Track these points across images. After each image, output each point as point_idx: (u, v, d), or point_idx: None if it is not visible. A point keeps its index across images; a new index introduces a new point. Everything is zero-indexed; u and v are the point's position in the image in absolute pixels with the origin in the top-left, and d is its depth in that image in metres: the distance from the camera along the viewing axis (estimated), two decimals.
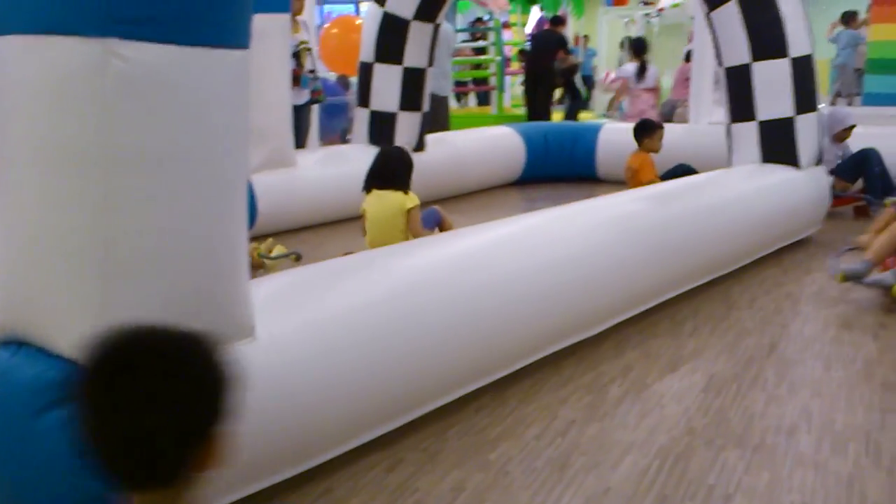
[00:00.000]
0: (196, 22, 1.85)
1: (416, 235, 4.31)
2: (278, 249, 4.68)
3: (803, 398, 3.11)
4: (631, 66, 9.62)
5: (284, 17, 5.72)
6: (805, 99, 5.46)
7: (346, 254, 3.76)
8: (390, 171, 4.49)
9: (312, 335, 2.44)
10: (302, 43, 6.76)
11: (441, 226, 4.88)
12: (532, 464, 2.64)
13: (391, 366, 2.65)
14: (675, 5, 16.86)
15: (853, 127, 6.52)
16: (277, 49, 5.71)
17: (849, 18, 12.07)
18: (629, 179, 6.37)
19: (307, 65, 6.85)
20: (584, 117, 14.31)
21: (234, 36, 1.98)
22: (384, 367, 2.63)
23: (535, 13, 17.37)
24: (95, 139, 1.84)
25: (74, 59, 1.82)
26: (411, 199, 4.40)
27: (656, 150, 6.51)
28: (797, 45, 5.42)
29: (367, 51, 6.91)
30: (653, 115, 8.93)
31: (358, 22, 9.62)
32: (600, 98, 17.45)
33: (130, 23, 1.81)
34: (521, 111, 11.82)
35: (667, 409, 3.05)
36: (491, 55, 13.74)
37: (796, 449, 2.72)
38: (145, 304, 1.94)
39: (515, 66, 15.03)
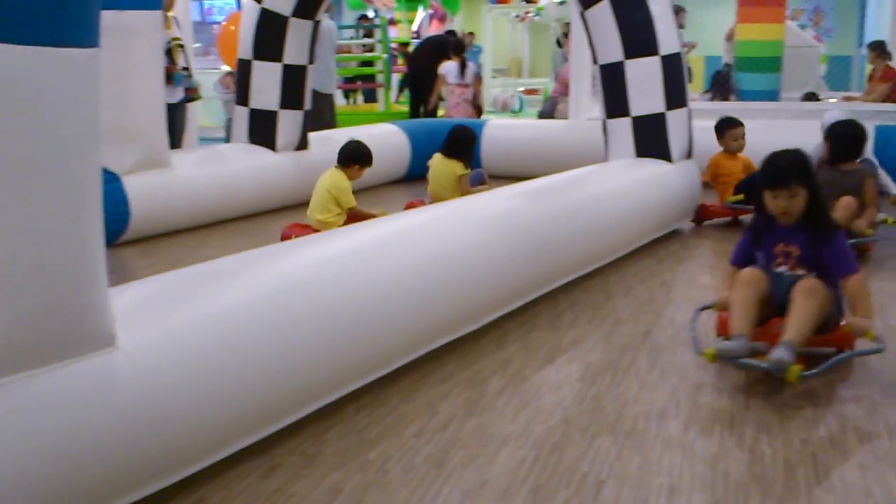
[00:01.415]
0: (38, 20, 1.77)
1: (465, 193, 5.67)
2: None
3: (673, 383, 3.21)
4: (453, 65, 10.16)
5: (156, 14, 5.57)
6: (675, 95, 5.65)
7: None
8: (454, 144, 6.10)
9: (179, 342, 2.38)
10: (174, 40, 6.61)
11: (482, 183, 6.34)
12: (411, 461, 2.65)
13: (264, 371, 2.61)
14: (540, 9, 17.21)
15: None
16: (149, 46, 5.55)
17: None
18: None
19: (180, 62, 6.70)
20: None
21: (80, 34, 1.90)
22: (257, 373, 2.58)
23: (421, 11, 17.43)
24: None
25: None
26: (461, 168, 5.99)
27: (731, 151, 6.14)
28: (667, 43, 5.60)
29: (244, 48, 6.79)
30: (465, 108, 9.96)
31: None
32: (486, 95, 17.62)
33: None
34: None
35: (544, 399, 3.11)
36: (378, 52, 13.72)
37: (666, 433, 2.80)
38: None
39: (402, 63, 15.05)
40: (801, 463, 2.59)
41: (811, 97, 11.17)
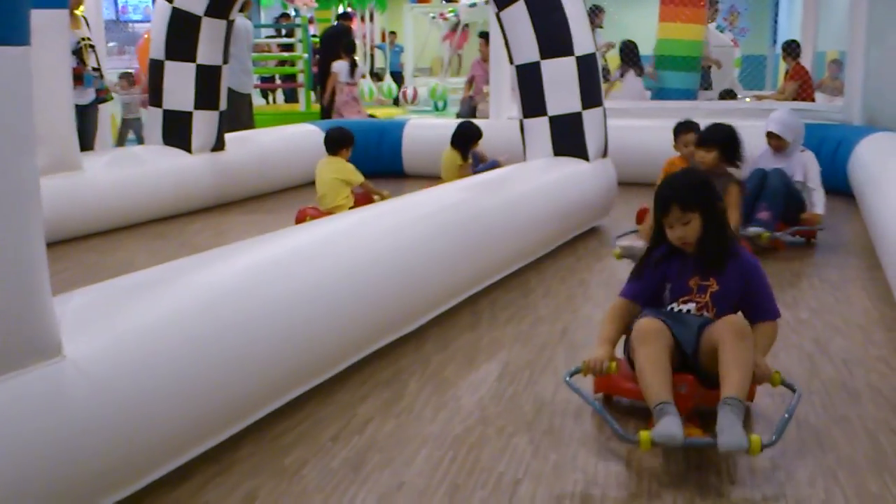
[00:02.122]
0: None
1: (463, 176, 6.23)
2: None
3: (589, 381, 3.24)
4: (344, 64, 10.53)
5: (62, 13, 5.41)
6: (590, 95, 5.71)
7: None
8: (457, 137, 6.98)
9: (126, 350, 2.33)
10: (84, 39, 6.44)
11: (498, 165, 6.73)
12: (327, 466, 2.62)
13: (213, 376, 2.56)
14: (452, 10, 17.29)
15: (769, 133, 5.60)
16: (55, 46, 5.38)
17: None
18: None
19: (90, 62, 6.53)
20: (392, 113, 14.43)
21: (10, 32, 1.86)
22: (207, 379, 2.54)
23: (341, 8, 17.31)
24: None
25: None
26: (460, 159, 6.89)
27: (683, 155, 5.57)
28: (582, 44, 5.67)
29: (156, 48, 6.65)
30: (352, 106, 10.43)
31: None
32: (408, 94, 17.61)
33: None
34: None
35: (462, 400, 3.11)
36: (299, 52, 13.58)
37: (582, 431, 2.83)
38: None
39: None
40: (713, 455, 2.64)
41: (728, 95, 11.43)
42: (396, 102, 17.76)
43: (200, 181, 6.83)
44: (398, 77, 18.14)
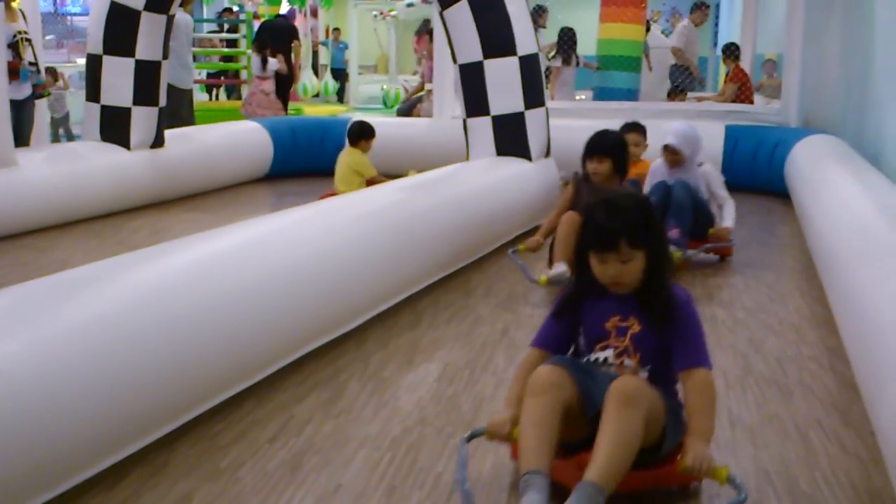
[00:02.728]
0: None
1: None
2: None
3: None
4: (256, 60, 10.72)
5: None
6: (533, 95, 5.75)
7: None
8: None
9: (50, 351, 2.28)
10: (20, 33, 6.30)
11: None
12: (264, 468, 2.59)
13: (140, 380, 2.52)
14: (391, 10, 17.30)
15: (665, 147, 5.09)
16: None
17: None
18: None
19: (27, 56, 6.39)
20: (337, 111, 14.37)
21: None
22: (133, 382, 2.49)
23: (286, 5, 17.18)
24: None
25: None
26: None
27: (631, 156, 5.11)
28: (524, 44, 5.70)
29: (94, 42, 6.52)
30: (260, 98, 10.46)
31: None
32: (353, 91, 17.58)
33: None
34: None
35: (402, 400, 3.10)
36: (242, 48, 13.45)
37: None
38: None
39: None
40: None
41: (677, 94, 11.59)
42: (340, 99, 17.69)
43: (139, 178, 6.72)
44: (342, 74, 18.07)
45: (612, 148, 4.38)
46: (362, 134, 6.53)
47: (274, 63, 10.58)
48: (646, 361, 2.40)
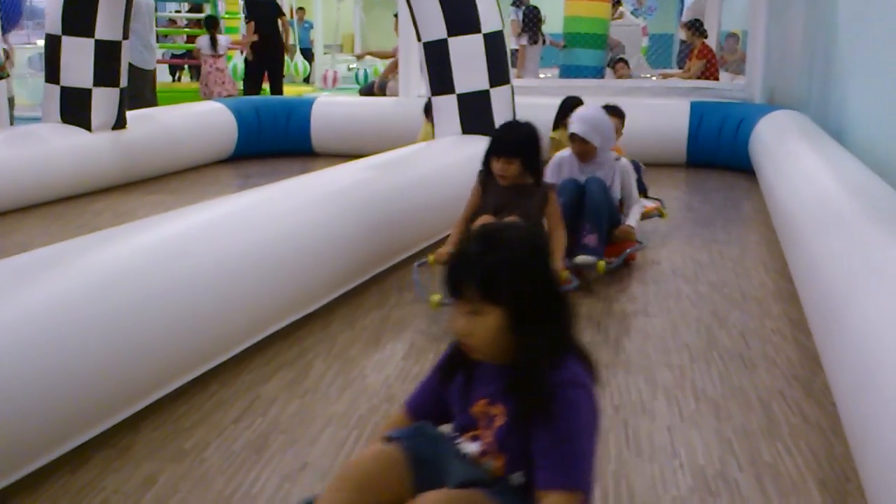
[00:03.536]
0: None
1: None
2: None
3: None
4: (205, 39, 10.81)
5: None
6: (498, 73, 5.73)
7: None
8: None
9: (6, 333, 2.25)
10: None
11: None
12: (230, 448, 2.58)
13: (99, 363, 2.49)
14: None
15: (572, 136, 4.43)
16: None
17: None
18: None
19: None
20: (303, 91, 14.25)
21: None
22: (94, 365, 2.46)
23: None
24: None
25: None
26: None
27: None
28: (489, 21, 5.67)
29: (52, 22, 6.40)
30: (217, 76, 10.61)
31: None
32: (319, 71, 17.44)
33: None
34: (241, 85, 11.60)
35: (368, 379, 3.10)
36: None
37: None
38: None
39: (235, 38, 14.67)
40: (613, 428, 2.69)
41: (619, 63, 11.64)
42: (307, 80, 17.54)
43: (101, 160, 6.62)
44: (308, 54, 17.90)
45: (521, 146, 3.71)
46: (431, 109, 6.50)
47: (225, 41, 10.52)
48: (513, 466, 1.72)
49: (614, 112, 5.22)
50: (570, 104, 5.59)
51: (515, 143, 3.73)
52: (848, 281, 2.87)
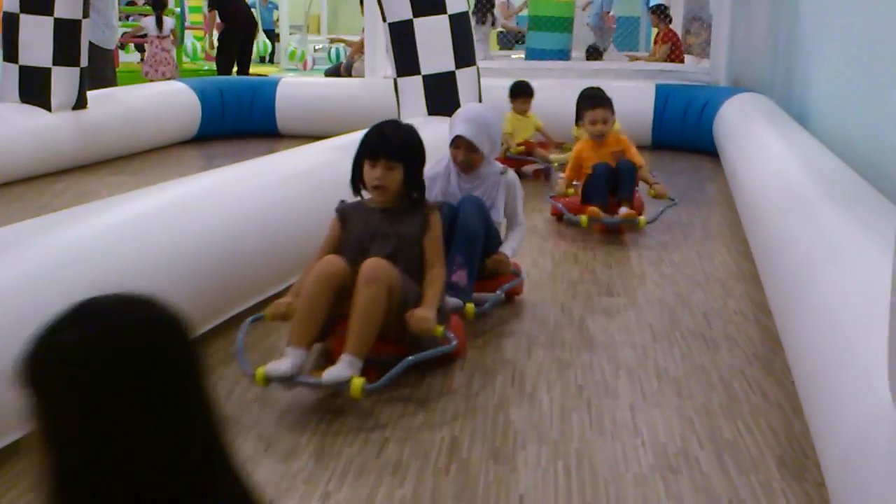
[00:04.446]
0: None
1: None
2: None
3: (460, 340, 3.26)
4: (150, 20, 10.80)
5: None
6: (464, 54, 5.72)
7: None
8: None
9: None
10: None
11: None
12: None
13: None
14: None
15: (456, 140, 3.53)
16: None
17: None
18: None
19: None
20: (267, 71, 14.12)
21: None
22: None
23: None
24: None
25: None
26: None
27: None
28: (454, 2, 5.65)
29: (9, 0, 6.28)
30: (163, 57, 10.54)
31: None
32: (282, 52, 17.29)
33: None
34: (206, 67, 11.48)
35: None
36: (171, 6, 13.07)
37: (449, 385, 2.85)
38: None
39: (197, 17, 14.52)
40: (576, 407, 2.71)
41: (595, 54, 11.66)
42: (271, 60, 17.40)
43: (61, 141, 6.52)
44: (271, 35, 17.77)
45: (406, 148, 2.92)
46: (518, 92, 6.54)
47: (170, 22, 10.50)
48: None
49: (601, 104, 4.79)
50: (589, 96, 4.92)
51: (399, 144, 2.89)
52: (808, 262, 2.90)
